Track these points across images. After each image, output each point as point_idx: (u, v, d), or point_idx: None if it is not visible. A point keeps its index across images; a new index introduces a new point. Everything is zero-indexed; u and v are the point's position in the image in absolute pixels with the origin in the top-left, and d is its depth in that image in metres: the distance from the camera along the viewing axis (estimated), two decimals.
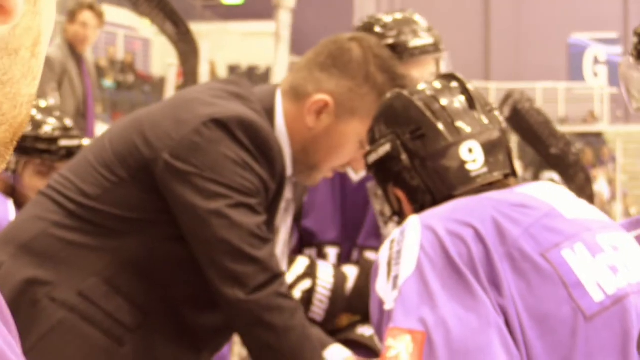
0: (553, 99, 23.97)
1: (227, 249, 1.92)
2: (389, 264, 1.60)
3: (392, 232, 1.84)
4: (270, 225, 2.06)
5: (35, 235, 2.00)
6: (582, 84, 25.17)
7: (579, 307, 1.55)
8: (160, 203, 1.97)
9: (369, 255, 2.77)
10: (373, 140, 1.85)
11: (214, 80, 2.26)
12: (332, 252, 2.76)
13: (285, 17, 2.58)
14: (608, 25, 25.10)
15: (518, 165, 1.94)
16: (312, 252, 2.77)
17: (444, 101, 1.79)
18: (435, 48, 2.70)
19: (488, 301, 1.52)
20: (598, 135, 22.53)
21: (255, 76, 21.40)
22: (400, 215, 1.83)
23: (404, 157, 1.77)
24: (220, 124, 1.95)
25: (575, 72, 25.53)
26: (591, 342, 1.53)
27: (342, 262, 2.78)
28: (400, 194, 1.80)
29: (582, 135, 21.79)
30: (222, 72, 19.43)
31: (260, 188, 1.97)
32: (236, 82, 2.12)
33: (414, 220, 1.63)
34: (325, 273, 2.67)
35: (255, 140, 1.96)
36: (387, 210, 1.85)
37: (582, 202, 1.75)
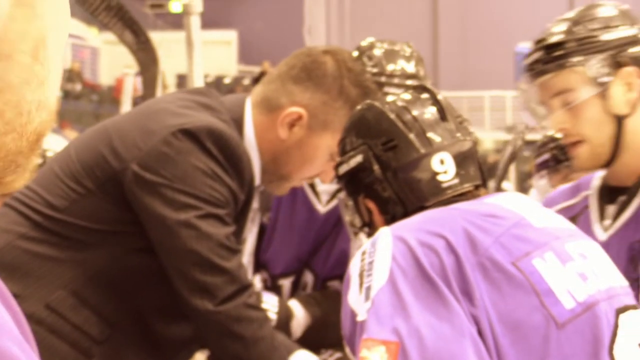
0: (500, 107, 24.20)
1: (196, 259, 1.91)
2: (361, 276, 1.60)
3: (363, 243, 1.85)
4: (239, 235, 2.05)
5: (0, 248, 1.97)
6: None
7: (551, 314, 1.56)
8: (128, 214, 1.96)
9: (334, 284, 2.78)
10: (344, 151, 1.85)
11: (182, 90, 2.24)
12: (286, 283, 2.77)
13: (195, 23, 2.57)
14: None
15: None
16: (266, 276, 2.76)
17: (415, 112, 1.80)
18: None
19: (461, 311, 1.52)
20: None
21: (204, 84, 21.33)
22: (370, 227, 1.83)
23: (375, 168, 1.78)
24: (189, 134, 1.94)
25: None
26: (563, 349, 1.54)
27: (294, 287, 2.78)
28: (371, 205, 1.80)
29: (530, 144, 22.01)
30: (172, 81, 19.36)
31: (229, 199, 1.96)
32: (204, 92, 2.11)
33: (385, 232, 1.63)
34: (270, 299, 2.67)
35: (224, 151, 1.96)
36: (358, 221, 1.85)
37: (550, 211, 1.76)
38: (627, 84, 2.12)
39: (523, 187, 21.04)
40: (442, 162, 1.75)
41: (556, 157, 2.88)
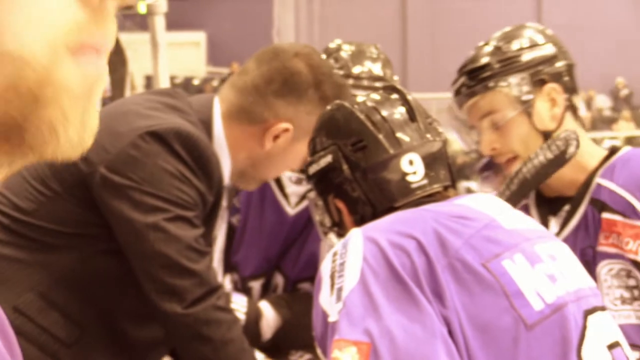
0: None
1: (164, 262, 1.90)
2: (332, 277, 1.60)
3: (332, 242, 1.85)
4: (208, 236, 2.05)
5: None
6: None
7: (520, 316, 1.56)
8: (96, 217, 1.95)
9: (304, 285, 2.78)
10: (314, 151, 1.85)
11: (149, 91, 2.23)
12: (255, 285, 2.76)
13: (159, 24, 2.56)
14: None
15: None
16: (236, 277, 2.76)
17: (384, 112, 1.81)
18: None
19: (432, 311, 1.52)
20: None
21: (174, 86, 21.25)
22: (340, 227, 1.84)
23: (345, 168, 1.78)
24: (158, 136, 1.93)
25: None
26: (532, 351, 1.55)
27: (265, 289, 2.77)
28: (341, 204, 1.80)
29: None
30: (140, 82, 19.26)
31: (198, 201, 1.96)
32: (171, 93, 2.10)
33: (356, 233, 1.63)
34: (239, 300, 2.67)
35: (193, 153, 1.95)
36: (327, 221, 1.85)
37: (519, 213, 1.77)
38: (551, 100, 2.19)
39: None
40: (411, 162, 1.76)
41: None
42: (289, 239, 2.74)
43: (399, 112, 1.82)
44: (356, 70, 2.65)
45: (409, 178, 1.76)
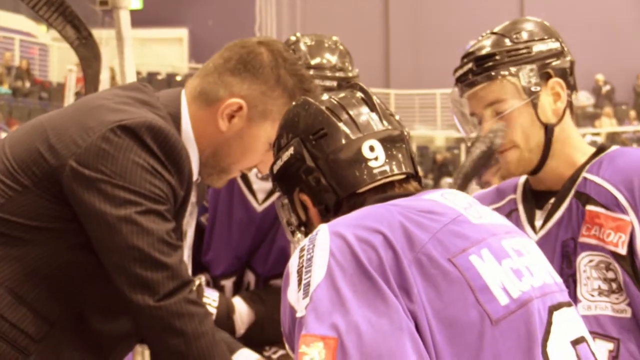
0: None
1: (136, 255, 1.90)
2: (299, 272, 1.61)
3: (297, 241, 1.85)
4: (178, 231, 2.04)
5: None
6: None
7: (486, 311, 1.57)
8: (65, 211, 1.95)
9: (276, 282, 2.78)
10: (279, 148, 1.86)
11: (117, 86, 2.24)
12: (227, 283, 2.76)
13: (125, 18, 2.56)
14: None
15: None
16: (208, 277, 2.76)
17: (347, 106, 1.82)
18: (345, 82, 2.68)
19: (399, 306, 1.53)
20: None
21: (156, 82, 21.22)
22: (307, 226, 1.84)
23: (307, 157, 1.79)
24: (128, 130, 1.93)
25: None
26: (497, 346, 1.55)
27: (237, 288, 2.77)
28: (306, 198, 1.81)
29: None
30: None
31: (169, 195, 1.96)
32: (140, 87, 2.10)
33: (322, 228, 1.64)
34: (212, 294, 2.67)
35: (163, 147, 1.95)
36: (294, 220, 1.85)
37: (487, 208, 1.78)
38: (554, 94, 2.21)
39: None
40: (372, 148, 1.77)
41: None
42: (258, 235, 2.74)
43: (361, 105, 1.84)
44: (315, 61, 2.65)
45: (370, 164, 1.77)
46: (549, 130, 2.21)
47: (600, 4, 24.01)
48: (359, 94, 1.86)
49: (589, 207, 2.15)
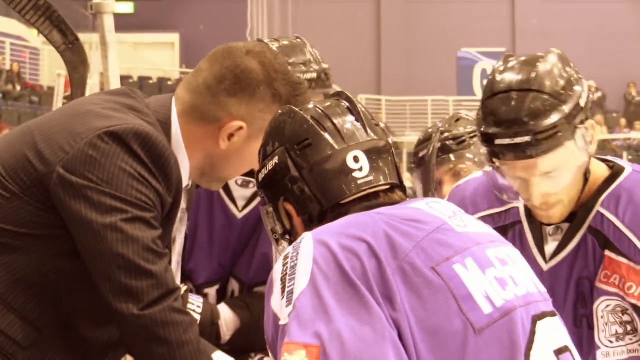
0: (443, 112, 24.36)
1: (121, 263, 1.89)
2: (283, 280, 1.60)
3: (282, 249, 1.84)
4: (166, 238, 2.04)
5: None
6: (471, 97, 25.65)
7: (469, 320, 1.57)
8: (53, 218, 1.94)
9: (260, 289, 2.77)
10: (264, 156, 1.86)
11: (106, 91, 2.23)
12: (211, 291, 2.75)
13: (109, 23, 2.55)
14: (496, 40, 25.64)
15: (407, 179, 1.96)
16: (191, 286, 2.75)
17: (332, 116, 1.82)
18: (321, 84, 2.67)
19: (382, 315, 1.53)
20: None
21: (147, 86, 21.21)
22: (291, 234, 1.83)
23: (291, 167, 1.79)
24: (116, 136, 1.92)
25: (464, 86, 25.98)
26: (481, 355, 1.56)
27: (221, 296, 2.77)
28: (290, 207, 1.81)
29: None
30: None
31: (157, 202, 1.95)
32: (128, 93, 2.09)
33: (307, 236, 1.64)
34: (196, 300, 2.67)
35: (151, 154, 1.94)
36: (279, 229, 1.85)
37: (471, 217, 1.78)
38: (590, 137, 2.10)
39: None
40: (356, 159, 1.77)
41: (446, 147, 2.86)
42: (240, 243, 2.73)
43: (346, 115, 1.83)
44: (292, 60, 2.66)
45: (355, 174, 1.76)
46: (586, 176, 2.12)
47: (592, 11, 24.07)
48: (344, 103, 1.85)
49: (609, 254, 2.09)
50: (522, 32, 24.87)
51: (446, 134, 2.92)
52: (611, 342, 2.12)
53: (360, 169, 1.76)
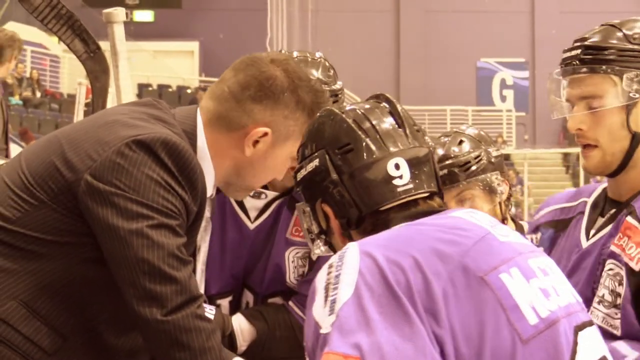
0: (462, 121, 24.32)
1: (146, 268, 1.90)
2: (327, 288, 1.59)
3: (317, 249, 1.86)
4: (190, 246, 2.06)
5: None
6: (490, 107, 25.61)
7: (516, 330, 1.56)
8: (81, 225, 1.95)
9: (274, 301, 2.77)
10: (303, 157, 1.86)
11: (132, 102, 2.25)
12: (224, 302, 2.76)
13: (119, 32, 2.57)
14: (516, 50, 25.60)
15: None
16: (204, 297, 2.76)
17: (373, 119, 1.81)
18: (333, 98, 2.62)
19: (424, 331, 1.52)
20: (506, 158, 22.90)
21: (166, 94, 21.27)
22: (327, 234, 1.84)
23: (332, 171, 1.79)
24: (144, 145, 1.94)
25: (483, 96, 25.95)
26: None
27: (235, 307, 2.77)
28: (328, 209, 1.81)
29: None
30: (133, 91, 19.24)
31: (182, 210, 1.97)
32: (154, 104, 2.11)
33: (352, 247, 1.62)
34: (208, 309, 2.67)
35: (178, 163, 1.96)
36: (315, 228, 1.85)
37: (507, 228, 1.77)
38: None
39: None
40: (397, 166, 1.77)
41: (454, 175, 2.80)
42: (253, 253, 2.73)
43: (387, 119, 1.82)
44: None
45: (395, 182, 1.76)
46: (635, 138, 2.15)
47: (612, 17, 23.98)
48: (386, 106, 1.85)
49: (629, 219, 2.12)
50: (542, 42, 24.83)
51: (451, 161, 2.86)
52: (595, 302, 2.12)
53: (401, 177, 1.76)
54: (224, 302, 2.76)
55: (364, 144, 1.78)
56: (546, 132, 24.74)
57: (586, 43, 2.17)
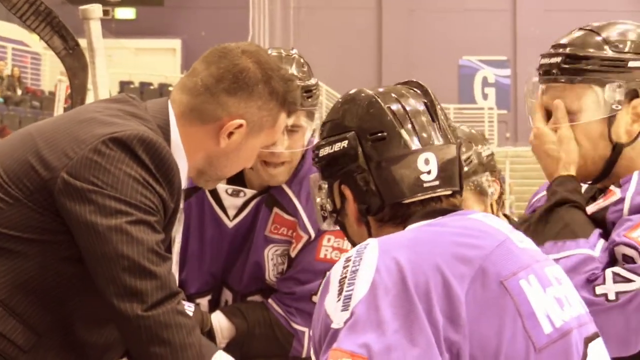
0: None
1: (126, 264, 1.90)
2: (341, 282, 1.55)
3: (328, 226, 1.82)
4: (167, 242, 2.05)
5: None
6: (472, 105, 25.66)
7: (531, 338, 1.54)
8: (56, 223, 1.95)
9: (254, 299, 2.77)
10: (328, 134, 1.80)
11: (107, 98, 2.26)
12: (203, 301, 2.75)
13: (96, 28, 2.56)
14: (498, 48, 25.66)
15: None
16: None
17: (409, 109, 1.77)
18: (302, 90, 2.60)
19: (433, 339, 1.48)
20: None
21: (148, 92, 21.22)
22: (339, 214, 1.79)
23: (360, 156, 1.74)
24: (120, 143, 1.94)
25: (465, 94, 26.00)
26: None
27: (214, 306, 2.76)
28: (348, 193, 1.76)
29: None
30: (114, 88, 19.19)
31: (160, 206, 1.97)
32: (129, 100, 2.10)
33: (372, 244, 1.58)
34: (187, 306, 2.67)
35: (155, 159, 1.96)
36: (329, 206, 1.80)
37: (523, 234, 1.74)
38: (634, 115, 2.08)
39: None
40: (427, 161, 1.73)
41: None
42: (232, 252, 2.73)
43: (422, 109, 1.78)
44: None
45: (422, 177, 1.72)
46: (616, 148, 2.09)
47: (593, 20, 23.98)
48: (423, 99, 1.80)
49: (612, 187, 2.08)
50: (524, 41, 24.89)
51: None
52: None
53: (429, 172, 1.72)
54: (203, 301, 2.76)
55: (398, 135, 1.73)
56: (528, 130, 24.66)
57: (567, 52, 2.10)
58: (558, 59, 2.10)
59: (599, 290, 1.93)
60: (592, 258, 1.96)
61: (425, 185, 1.72)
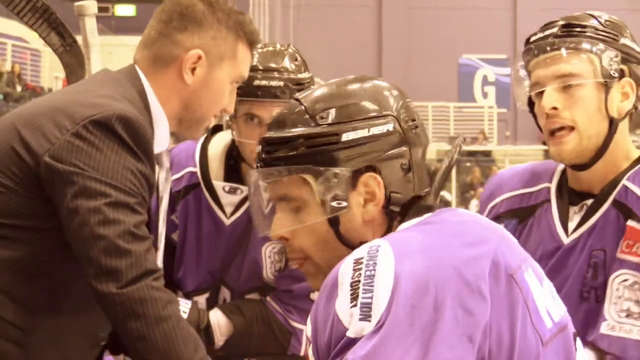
0: (443, 118, 24.37)
1: (102, 245, 1.92)
2: (354, 286, 1.46)
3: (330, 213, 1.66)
4: (149, 220, 2.07)
5: None
6: (472, 103, 25.66)
7: (538, 332, 1.52)
8: (47, 209, 1.98)
9: (252, 296, 2.77)
10: (358, 116, 1.64)
11: (85, 79, 2.34)
12: (200, 299, 2.75)
13: (91, 25, 2.57)
14: (498, 47, 25.66)
15: None
16: (181, 295, 2.75)
17: (410, 105, 1.70)
18: (290, 94, 2.57)
19: (470, 346, 1.43)
20: (487, 154, 22.97)
21: None
22: (346, 200, 1.62)
23: (404, 144, 1.64)
24: (100, 124, 1.97)
25: (465, 92, 26.00)
26: None
27: (212, 304, 2.76)
28: (376, 180, 1.62)
29: (472, 154, 22.18)
30: None
31: (144, 185, 2.00)
32: (107, 72, 2.18)
33: (384, 247, 1.49)
34: (185, 303, 2.67)
35: (134, 136, 1.99)
36: (341, 194, 1.62)
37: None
38: (623, 94, 2.11)
39: (464, 197, 21.22)
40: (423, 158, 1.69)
41: None
42: (229, 249, 2.73)
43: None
44: (264, 65, 2.65)
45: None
46: (613, 124, 2.10)
47: None
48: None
49: (631, 223, 2.06)
50: (523, 39, 24.73)
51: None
52: (620, 316, 2.05)
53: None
54: (201, 299, 2.76)
55: (422, 127, 1.68)
56: (527, 129, 24.79)
57: (563, 22, 2.14)
58: (554, 29, 2.15)
59: None
60: None
61: (424, 180, 1.68)
